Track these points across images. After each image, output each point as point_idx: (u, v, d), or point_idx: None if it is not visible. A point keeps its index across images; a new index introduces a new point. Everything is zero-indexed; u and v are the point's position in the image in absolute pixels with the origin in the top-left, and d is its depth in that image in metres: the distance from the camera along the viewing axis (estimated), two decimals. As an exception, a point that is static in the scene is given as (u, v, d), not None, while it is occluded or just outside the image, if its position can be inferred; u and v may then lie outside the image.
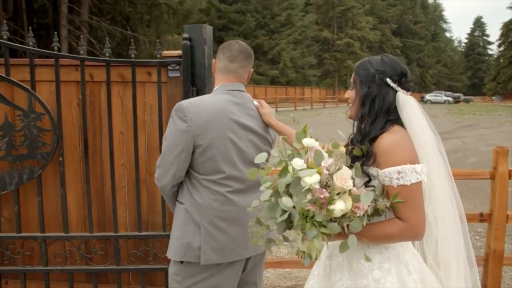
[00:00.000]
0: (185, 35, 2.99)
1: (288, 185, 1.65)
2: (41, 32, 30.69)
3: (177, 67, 3.06)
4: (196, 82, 3.03)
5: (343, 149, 1.75)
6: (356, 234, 1.66)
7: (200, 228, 2.14)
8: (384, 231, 1.78)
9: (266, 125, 2.34)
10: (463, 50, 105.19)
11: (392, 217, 1.81)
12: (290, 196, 1.64)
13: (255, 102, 2.33)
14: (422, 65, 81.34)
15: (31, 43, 3.05)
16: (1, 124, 3.07)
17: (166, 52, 3.12)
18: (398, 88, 1.90)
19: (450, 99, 59.32)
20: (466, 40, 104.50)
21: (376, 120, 1.88)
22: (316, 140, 1.77)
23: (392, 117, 1.89)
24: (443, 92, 64.39)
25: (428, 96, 60.03)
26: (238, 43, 2.36)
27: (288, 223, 1.66)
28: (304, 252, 1.72)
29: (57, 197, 3.17)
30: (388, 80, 1.90)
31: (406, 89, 1.93)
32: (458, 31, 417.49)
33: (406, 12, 77.47)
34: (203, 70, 3.03)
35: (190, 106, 2.13)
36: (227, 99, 2.21)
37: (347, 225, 1.68)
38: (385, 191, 1.79)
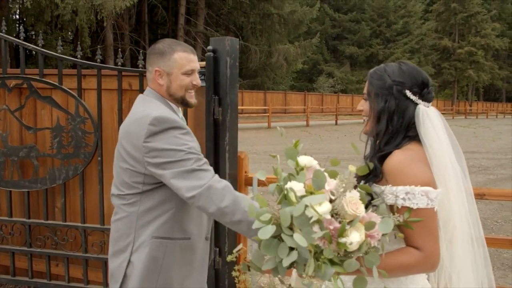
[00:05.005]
0: (209, 47, 3.19)
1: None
2: (163, 42, 32.97)
3: (202, 77, 3.28)
4: (218, 91, 3.22)
5: (352, 168, 1.51)
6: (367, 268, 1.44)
7: None
8: (398, 262, 1.58)
9: None
10: None
11: (405, 247, 1.62)
12: (291, 229, 1.40)
13: None
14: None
15: (79, 56, 3.46)
16: (54, 126, 3.53)
17: (193, 63, 3.35)
18: (419, 101, 1.70)
19: None
20: None
21: (393, 138, 1.70)
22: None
23: (411, 133, 1.70)
24: None
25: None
26: None
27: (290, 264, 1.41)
28: None
29: (98, 192, 3.55)
30: (408, 93, 1.69)
31: (428, 100, 1.72)
32: None
33: (542, 17, 71.15)
34: (225, 80, 3.20)
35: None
36: None
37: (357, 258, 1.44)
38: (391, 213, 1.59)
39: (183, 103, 2.18)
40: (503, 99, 72.14)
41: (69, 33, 25.14)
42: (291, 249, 1.36)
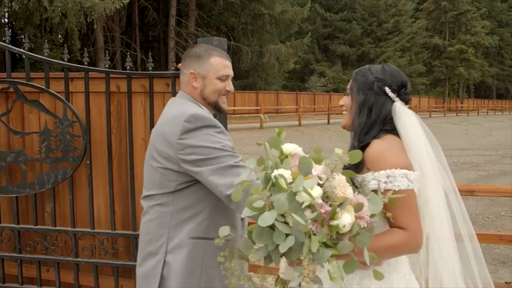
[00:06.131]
0: (197, 49, 3.18)
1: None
2: (154, 44, 32.97)
3: (190, 79, 3.26)
4: (206, 93, 3.20)
5: (339, 151, 1.53)
6: (357, 251, 1.45)
7: None
8: (386, 243, 1.66)
9: None
10: None
11: (391, 228, 1.72)
12: (282, 215, 1.39)
13: None
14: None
15: (66, 59, 3.43)
16: (42, 130, 3.50)
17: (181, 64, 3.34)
18: (396, 99, 1.85)
19: None
20: None
21: (371, 129, 1.84)
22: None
23: (387, 127, 1.84)
24: None
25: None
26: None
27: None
28: (283, 282, 1.58)
29: (88, 196, 3.52)
30: (387, 89, 1.85)
31: (405, 101, 1.88)
32: None
33: (531, 14, 71.58)
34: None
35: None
36: None
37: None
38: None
39: (216, 108, 2.22)
40: (493, 96, 72.65)
41: (59, 36, 25.00)
42: (286, 235, 1.36)
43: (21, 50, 3.51)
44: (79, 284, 3.58)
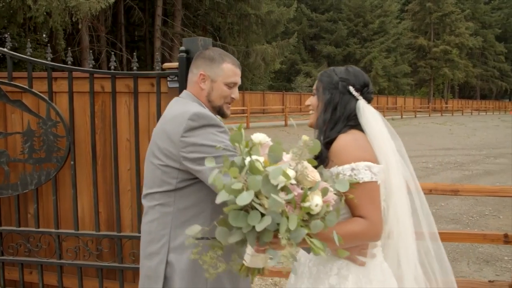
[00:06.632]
0: (182, 48, 3.15)
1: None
2: (140, 44, 32.76)
3: (176, 78, 3.24)
4: (192, 93, 3.19)
5: (306, 138, 1.64)
6: (323, 235, 1.55)
7: None
8: (348, 230, 1.76)
9: None
10: None
11: (353, 217, 1.82)
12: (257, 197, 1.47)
13: None
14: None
15: (49, 59, 3.39)
16: (25, 130, 3.45)
17: (166, 64, 3.32)
18: (360, 97, 1.97)
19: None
20: None
21: (336, 125, 1.94)
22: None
23: (352, 123, 1.95)
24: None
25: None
26: None
27: (255, 234, 1.48)
28: (248, 269, 1.66)
29: (72, 197, 3.48)
30: (351, 88, 1.96)
31: (367, 99, 1.99)
32: None
33: (514, 15, 72.46)
34: (199, 82, 3.18)
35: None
36: None
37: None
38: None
39: (219, 112, 2.23)
40: (477, 97, 73.50)
41: (44, 35, 24.72)
42: (262, 216, 1.44)
43: (3, 49, 3.46)
44: (63, 286, 3.54)
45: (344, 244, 1.73)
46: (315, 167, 1.61)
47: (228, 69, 2.19)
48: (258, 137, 1.63)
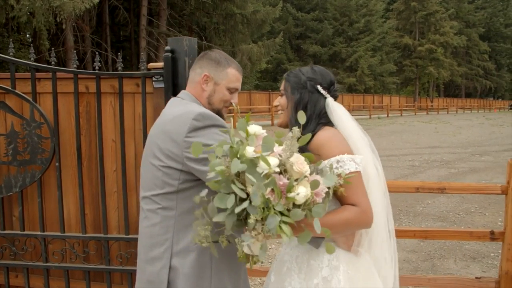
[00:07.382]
0: (167, 48, 3.13)
1: (239, 173, 1.58)
2: (125, 44, 32.58)
3: (161, 78, 3.22)
4: (177, 93, 3.16)
5: (296, 129, 1.69)
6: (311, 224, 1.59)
7: None
8: (339, 218, 1.82)
9: None
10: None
11: (344, 205, 1.88)
12: (243, 185, 1.57)
13: None
14: (514, 71, 76.62)
15: (32, 59, 3.35)
16: (8, 132, 3.40)
17: (152, 64, 3.29)
18: (328, 95, 2.05)
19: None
20: None
21: (308, 124, 2.00)
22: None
23: (323, 120, 2.03)
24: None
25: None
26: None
27: (238, 218, 1.57)
28: (247, 256, 1.67)
29: (57, 199, 3.44)
30: (319, 87, 2.04)
31: (334, 97, 2.08)
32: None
33: (497, 14, 73.21)
34: (184, 81, 3.15)
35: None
36: None
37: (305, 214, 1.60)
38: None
39: (218, 115, 2.18)
40: (462, 95, 74.33)
41: (27, 35, 24.46)
42: (242, 200, 1.53)
43: (-14, 50, 3.40)
44: (49, 289, 3.50)
45: (337, 232, 1.86)
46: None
47: (233, 74, 2.19)
48: (253, 128, 1.71)
